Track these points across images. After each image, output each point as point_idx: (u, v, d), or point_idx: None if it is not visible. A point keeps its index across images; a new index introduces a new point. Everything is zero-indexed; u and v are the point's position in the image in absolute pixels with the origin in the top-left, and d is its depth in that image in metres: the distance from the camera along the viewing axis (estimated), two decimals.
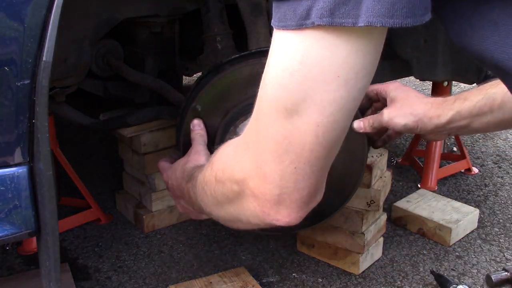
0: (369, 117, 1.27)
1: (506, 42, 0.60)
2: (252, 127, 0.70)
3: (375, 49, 0.61)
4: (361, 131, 1.28)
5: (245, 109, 1.37)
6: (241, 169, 0.73)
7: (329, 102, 0.61)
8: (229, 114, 1.39)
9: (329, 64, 0.59)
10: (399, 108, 1.22)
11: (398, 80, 2.24)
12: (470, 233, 2.01)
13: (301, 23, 0.57)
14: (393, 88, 1.26)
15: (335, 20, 0.55)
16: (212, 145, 1.37)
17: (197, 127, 1.38)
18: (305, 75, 0.60)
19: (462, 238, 1.98)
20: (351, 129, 1.29)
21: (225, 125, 1.40)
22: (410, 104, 1.21)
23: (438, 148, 2.34)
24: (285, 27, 0.59)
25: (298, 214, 0.72)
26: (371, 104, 1.36)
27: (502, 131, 3.00)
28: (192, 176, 1.07)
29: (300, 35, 0.59)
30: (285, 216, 0.71)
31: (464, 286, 1.65)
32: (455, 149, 2.73)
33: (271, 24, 0.62)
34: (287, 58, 0.61)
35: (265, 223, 0.75)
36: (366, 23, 0.54)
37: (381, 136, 1.35)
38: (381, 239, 1.85)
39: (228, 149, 0.81)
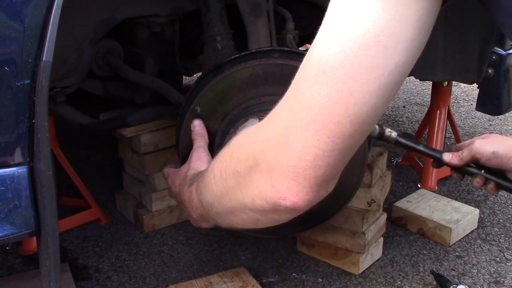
0: (461, 151, 1.21)
1: None
2: (288, 95, 0.70)
3: (426, 21, 0.61)
4: (450, 163, 1.22)
5: (245, 111, 1.37)
6: (262, 140, 0.73)
7: (365, 69, 0.61)
8: (229, 116, 1.39)
9: (373, 26, 0.59)
10: (491, 141, 1.18)
11: None
12: (470, 233, 2.01)
13: None
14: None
15: None
16: (212, 147, 1.37)
17: (198, 127, 1.36)
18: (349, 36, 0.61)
19: (462, 238, 1.98)
20: None
21: (225, 126, 1.39)
22: (504, 139, 1.18)
23: (438, 148, 2.34)
24: None
25: (307, 196, 0.70)
26: None
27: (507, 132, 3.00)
28: (194, 180, 1.07)
29: None
30: (294, 194, 0.70)
31: (464, 286, 1.65)
32: None
33: None
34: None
35: (270, 203, 0.73)
36: None
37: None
38: (381, 239, 1.85)
39: (249, 130, 0.80)
